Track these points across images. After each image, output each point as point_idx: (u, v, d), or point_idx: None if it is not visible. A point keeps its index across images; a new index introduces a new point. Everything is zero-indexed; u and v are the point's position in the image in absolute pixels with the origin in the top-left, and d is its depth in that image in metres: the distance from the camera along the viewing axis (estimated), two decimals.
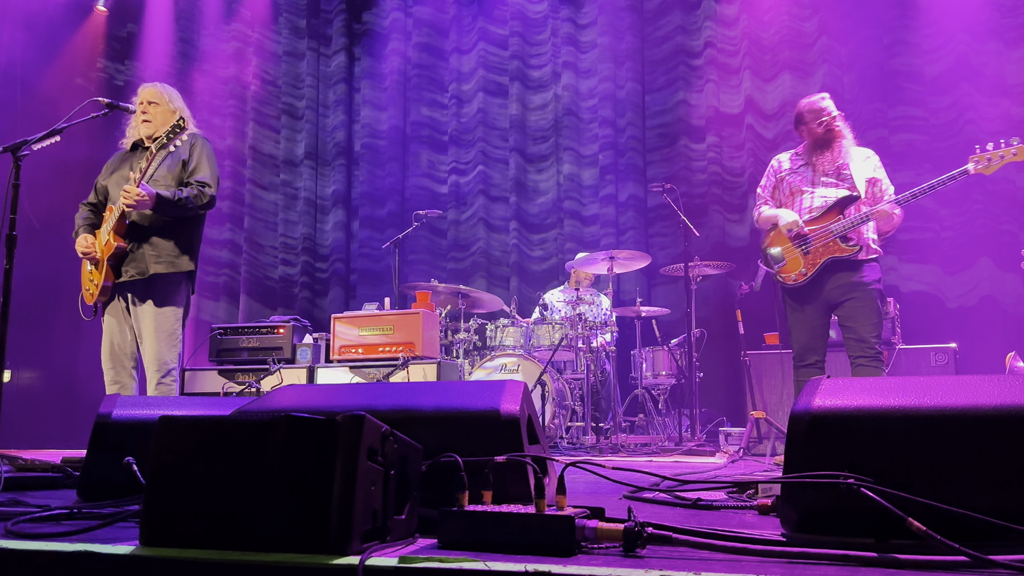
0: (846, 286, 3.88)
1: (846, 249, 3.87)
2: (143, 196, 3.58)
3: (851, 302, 3.87)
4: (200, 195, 3.77)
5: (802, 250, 3.96)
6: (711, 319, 6.97)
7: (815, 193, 4.03)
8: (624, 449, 5.28)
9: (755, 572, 1.14)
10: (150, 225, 3.79)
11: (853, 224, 3.87)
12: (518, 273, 7.81)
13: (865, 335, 3.82)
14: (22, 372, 7.60)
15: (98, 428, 2.18)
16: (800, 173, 4.12)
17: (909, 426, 1.43)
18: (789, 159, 4.22)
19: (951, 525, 1.30)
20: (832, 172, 4.04)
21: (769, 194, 4.26)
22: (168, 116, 3.89)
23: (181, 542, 1.37)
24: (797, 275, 3.98)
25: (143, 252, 3.77)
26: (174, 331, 3.81)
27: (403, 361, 5.18)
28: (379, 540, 1.40)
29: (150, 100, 3.93)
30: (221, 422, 1.43)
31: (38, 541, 1.44)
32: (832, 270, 3.91)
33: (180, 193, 3.72)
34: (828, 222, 3.92)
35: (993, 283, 6.18)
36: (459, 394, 1.84)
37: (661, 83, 7.72)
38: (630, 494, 2.30)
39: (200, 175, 3.82)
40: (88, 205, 4.07)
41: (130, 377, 3.86)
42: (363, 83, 8.69)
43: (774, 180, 4.25)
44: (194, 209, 3.78)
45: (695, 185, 7.31)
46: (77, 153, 8.06)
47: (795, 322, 4.03)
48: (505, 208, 8.02)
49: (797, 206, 4.07)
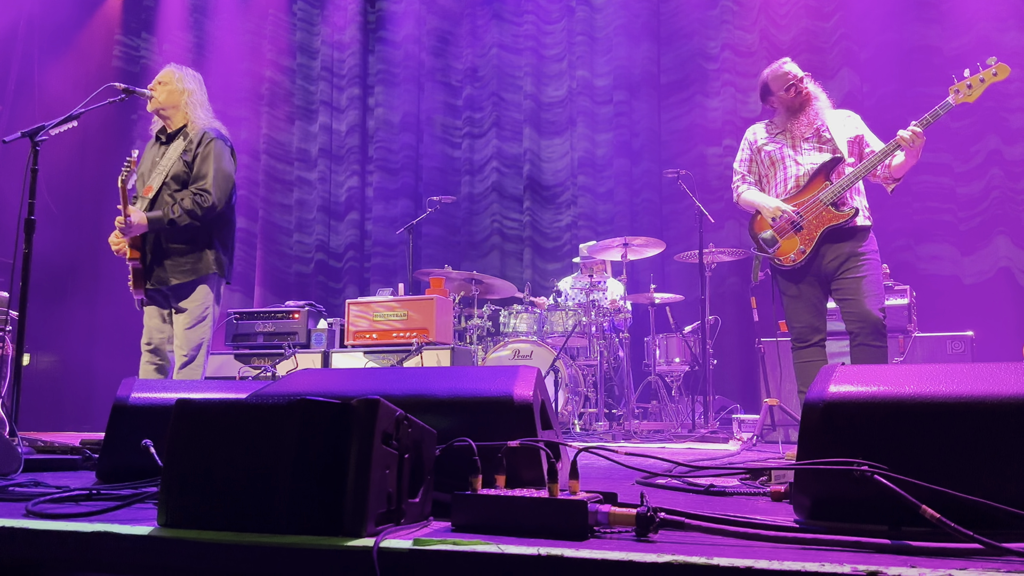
0: (843, 256, 3.63)
1: (840, 215, 3.60)
2: (135, 228, 3.62)
3: (849, 273, 3.60)
4: (196, 207, 3.70)
5: (795, 228, 3.71)
6: (725, 306, 6.95)
7: (798, 161, 3.78)
8: (637, 435, 5.28)
9: (767, 558, 1.14)
10: (161, 237, 3.79)
11: (843, 186, 3.60)
12: (532, 247, 7.84)
13: (869, 307, 3.52)
14: (41, 356, 7.69)
15: (116, 411, 2.20)
16: (777, 142, 3.87)
17: (924, 414, 1.43)
18: (764, 128, 3.97)
19: (965, 513, 1.29)
20: (812, 136, 3.79)
21: (747, 168, 3.99)
22: (175, 96, 3.85)
23: (198, 523, 1.39)
24: (796, 254, 3.71)
25: (162, 265, 3.79)
26: (202, 326, 3.82)
27: (417, 347, 5.20)
28: (393, 523, 1.41)
29: (160, 80, 3.88)
30: (237, 406, 1.44)
31: (58, 521, 1.47)
32: (828, 240, 3.65)
33: (172, 213, 3.68)
34: (816, 191, 3.67)
35: (1012, 261, 6.12)
36: (473, 379, 1.84)
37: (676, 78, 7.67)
38: (643, 480, 2.30)
39: (201, 183, 3.75)
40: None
41: (166, 359, 3.92)
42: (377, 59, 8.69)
43: (750, 153, 3.98)
44: (192, 223, 3.72)
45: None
46: (95, 138, 8.11)
47: (793, 302, 3.78)
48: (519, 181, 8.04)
49: (780, 177, 3.83)
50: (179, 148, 3.81)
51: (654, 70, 7.68)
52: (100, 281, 8.09)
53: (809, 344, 3.74)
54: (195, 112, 3.88)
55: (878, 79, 6.61)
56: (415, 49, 8.49)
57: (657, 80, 7.69)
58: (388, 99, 8.54)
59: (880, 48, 6.63)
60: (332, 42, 8.73)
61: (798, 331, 3.77)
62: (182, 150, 3.79)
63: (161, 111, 3.88)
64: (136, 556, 1.36)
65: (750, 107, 7.13)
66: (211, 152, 3.77)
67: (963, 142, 6.37)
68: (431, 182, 8.31)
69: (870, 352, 3.51)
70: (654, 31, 7.72)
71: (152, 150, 3.96)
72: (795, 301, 3.76)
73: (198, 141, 3.79)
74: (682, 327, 6.22)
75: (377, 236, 8.33)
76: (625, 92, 7.68)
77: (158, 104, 3.85)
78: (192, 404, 1.46)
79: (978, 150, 6.31)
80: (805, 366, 3.73)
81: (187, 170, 3.78)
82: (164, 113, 3.89)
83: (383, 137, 8.48)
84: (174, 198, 3.73)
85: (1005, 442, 1.37)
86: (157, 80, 3.89)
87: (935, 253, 6.38)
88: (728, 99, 7.23)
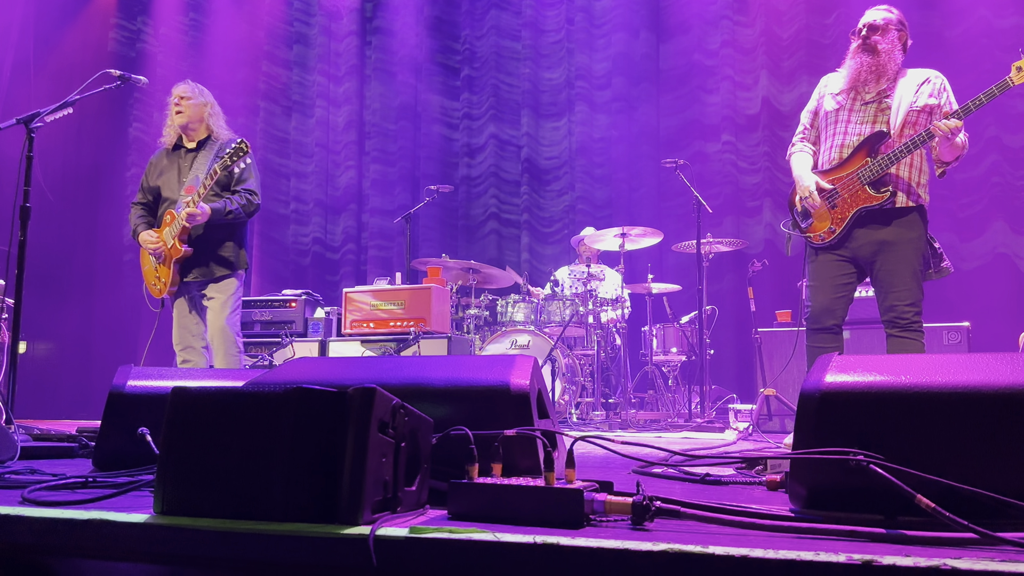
0: (875, 244, 3.33)
1: (875, 196, 3.29)
2: (202, 215, 3.89)
3: (881, 262, 3.32)
4: (248, 204, 4.09)
5: (829, 204, 3.42)
6: (723, 296, 6.96)
7: (848, 128, 3.43)
8: (633, 425, 5.29)
9: (763, 546, 1.14)
10: (209, 231, 4.06)
11: (882, 166, 3.28)
12: (529, 230, 7.85)
13: (894, 301, 3.27)
14: (38, 343, 7.68)
15: (112, 399, 2.20)
16: (839, 101, 3.49)
17: (920, 404, 1.43)
18: (840, 79, 3.54)
19: (960, 503, 1.30)
20: (874, 99, 3.41)
21: (810, 121, 3.64)
22: (200, 109, 4.18)
23: (194, 511, 1.39)
24: (825, 233, 3.43)
25: (206, 255, 4.06)
26: (236, 317, 4.12)
27: (414, 336, 5.20)
28: (390, 511, 1.41)
29: (181, 96, 4.18)
30: (233, 394, 1.44)
31: (54, 509, 1.46)
32: (861, 223, 3.35)
33: (230, 204, 4.02)
34: (856, 167, 3.35)
35: (1010, 247, 6.12)
36: (470, 368, 1.84)
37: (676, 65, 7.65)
38: (639, 469, 2.31)
39: (248, 184, 4.12)
40: (139, 205, 4.28)
41: (200, 356, 4.13)
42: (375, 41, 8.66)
43: (816, 104, 3.62)
44: (243, 217, 4.10)
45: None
46: (91, 125, 8.07)
47: (815, 279, 3.50)
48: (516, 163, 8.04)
49: (829, 143, 3.50)
50: (210, 154, 4.11)
51: (653, 61, 7.67)
52: (96, 268, 8.08)
53: (821, 328, 3.45)
54: (217, 122, 4.22)
55: None
56: (413, 32, 8.45)
57: (656, 69, 7.68)
58: (385, 78, 8.51)
59: None
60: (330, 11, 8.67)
61: (812, 312, 3.50)
62: (213, 155, 4.10)
63: (189, 124, 4.18)
64: (132, 543, 1.37)
65: (750, 104, 7.13)
66: (251, 161, 4.10)
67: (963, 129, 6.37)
68: (429, 166, 8.29)
69: (899, 343, 3.30)
70: (653, 22, 7.71)
71: (175, 158, 4.22)
72: (817, 277, 3.50)
73: (234, 150, 4.02)
74: (679, 317, 6.23)
75: (374, 227, 8.32)
76: (624, 80, 7.68)
77: (187, 119, 4.16)
78: (188, 392, 1.46)
79: (977, 137, 6.31)
80: (813, 351, 3.48)
81: (227, 174, 4.06)
82: (192, 126, 4.19)
83: (379, 123, 8.46)
84: (221, 196, 4.05)
85: (1000, 432, 1.38)
86: (180, 96, 4.18)
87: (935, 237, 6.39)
88: (727, 95, 7.22)
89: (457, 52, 8.42)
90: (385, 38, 8.57)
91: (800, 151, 3.64)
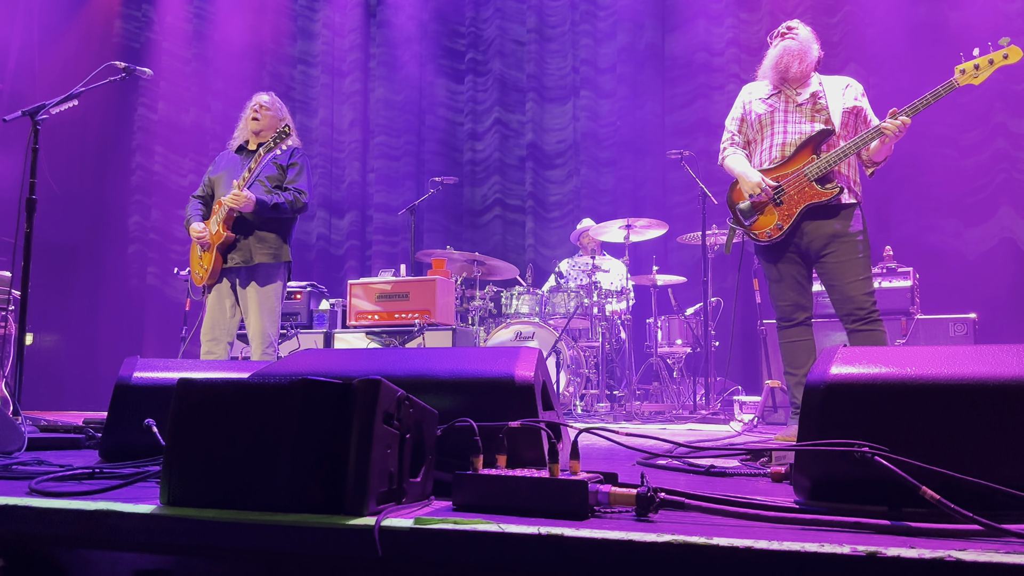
0: (826, 236, 3.37)
1: (824, 192, 3.35)
2: (246, 200, 3.99)
3: (832, 255, 3.36)
4: (296, 200, 4.18)
5: (774, 201, 3.46)
6: (728, 288, 6.94)
7: (787, 128, 3.50)
8: (638, 417, 5.29)
9: (767, 538, 1.14)
10: (255, 220, 4.14)
11: (829, 162, 3.34)
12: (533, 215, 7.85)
13: (852, 292, 3.30)
14: (44, 335, 7.70)
15: (118, 391, 2.21)
16: (770, 104, 3.57)
17: (925, 396, 1.43)
18: (763, 86, 3.67)
19: (965, 494, 1.30)
20: (807, 102, 3.50)
21: (737, 128, 3.72)
22: (276, 122, 4.32)
23: (200, 502, 1.39)
24: (772, 230, 3.47)
25: (249, 243, 4.14)
26: (275, 310, 4.19)
27: (419, 328, 5.21)
28: (395, 502, 1.41)
29: (263, 104, 4.33)
30: (239, 385, 1.44)
31: (60, 500, 1.47)
32: (809, 217, 3.40)
33: (276, 199, 4.12)
34: (802, 164, 3.40)
35: (1015, 232, 6.10)
36: (474, 360, 1.84)
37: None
38: (643, 461, 2.31)
39: (299, 183, 4.24)
40: (197, 198, 4.38)
41: (224, 350, 4.16)
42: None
43: (742, 112, 3.70)
44: (289, 213, 4.19)
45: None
46: (96, 117, 8.07)
47: (776, 280, 3.54)
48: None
49: (766, 144, 3.56)
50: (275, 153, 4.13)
51: (659, 50, 7.65)
52: (102, 260, 8.09)
53: (794, 323, 3.51)
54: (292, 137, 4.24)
55: (886, 73, 6.56)
56: (417, 10, 8.44)
57: (661, 57, 7.66)
58: (390, 61, 8.48)
59: (887, 44, 6.57)
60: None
61: (782, 310, 3.54)
62: (272, 156, 4.15)
63: (261, 132, 4.31)
64: (138, 534, 1.37)
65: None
66: (305, 164, 4.31)
67: (968, 114, 6.34)
68: (433, 147, 8.28)
69: (864, 336, 3.31)
70: (659, 9, 7.68)
71: (237, 158, 4.34)
72: (777, 279, 3.55)
73: (290, 152, 4.25)
74: (684, 309, 6.22)
75: (379, 222, 8.32)
76: (629, 68, 7.66)
77: (261, 127, 4.30)
78: (194, 384, 1.46)
79: (984, 122, 6.28)
80: (791, 346, 3.51)
81: (281, 175, 4.23)
82: (263, 133, 4.31)
83: (383, 111, 8.45)
84: (271, 190, 4.16)
85: (1005, 424, 1.37)
86: (260, 104, 4.32)
87: (938, 226, 6.36)
88: (733, 95, 7.19)
89: (462, 36, 8.40)
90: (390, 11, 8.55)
91: (734, 153, 3.69)
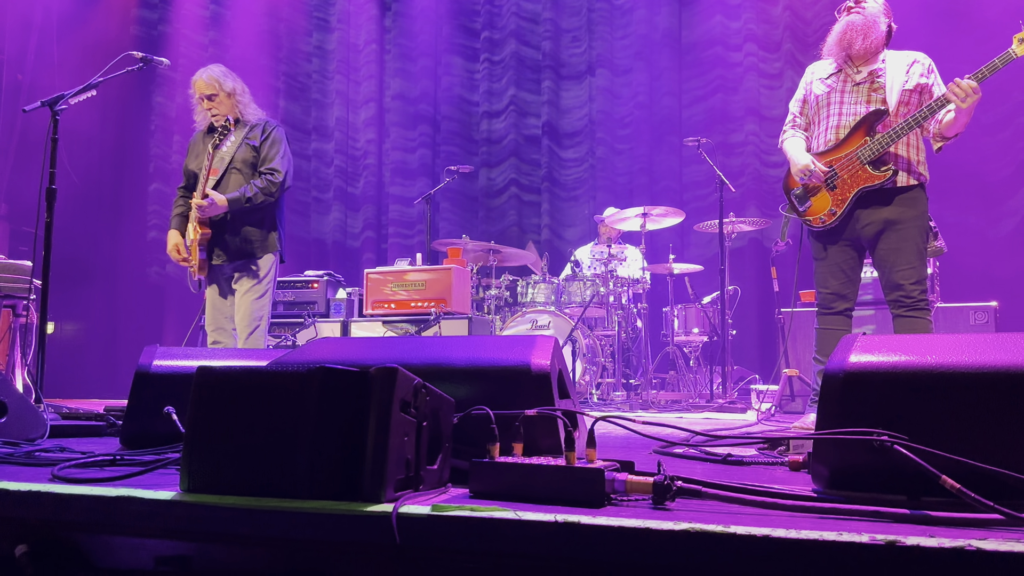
0: (880, 223, 3.28)
1: (877, 176, 3.24)
2: (209, 207, 3.85)
3: (885, 243, 3.27)
4: (269, 185, 3.98)
5: (828, 186, 3.38)
6: (745, 276, 6.91)
7: (842, 109, 3.39)
8: (654, 405, 5.29)
9: (785, 526, 1.14)
10: (237, 215, 3.98)
11: (882, 144, 3.22)
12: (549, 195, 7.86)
13: (900, 280, 3.22)
14: (65, 324, 7.78)
15: (138, 379, 2.23)
16: (829, 84, 3.45)
17: (944, 384, 1.41)
18: (827, 65, 3.52)
19: (985, 484, 1.28)
20: (865, 80, 3.36)
21: (799, 109, 3.61)
22: (227, 103, 4.07)
23: (219, 489, 1.40)
24: (826, 215, 3.38)
25: (234, 241, 4.00)
26: (265, 298, 4.06)
27: (435, 317, 5.22)
28: (412, 489, 1.42)
29: (206, 94, 4.06)
30: (258, 373, 1.45)
31: (83, 486, 1.49)
32: (863, 203, 3.31)
33: (248, 192, 3.93)
34: (855, 147, 3.30)
35: None
36: (490, 348, 1.85)
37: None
38: (660, 449, 2.30)
39: (271, 163, 4.03)
40: (181, 189, 4.24)
41: (230, 338, 4.10)
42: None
43: (804, 92, 3.59)
44: (265, 200, 3.99)
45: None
46: (114, 107, 8.12)
47: (821, 265, 3.47)
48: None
49: (823, 126, 3.46)
50: (240, 135, 4.04)
51: (676, 32, 7.59)
52: (122, 249, 8.15)
53: (833, 312, 3.43)
54: (246, 109, 4.12)
55: None
56: None
57: (678, 38, 7.60)
58: (405, 53, 8.48)
59: (909, 31, 6.46)
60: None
61: (823, 297, 3.48)
62: (243, 137, 4.03)
63: (217, 116, 4.07)
64: (159, 520, 1.39)
65: (773, 98, 7.05)
66: (279, 137, 4.10)
67: (989, 92, 6.25)
68: (450, 125, 8.27)
69: (906, 323, 3.26)
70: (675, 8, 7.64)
71: (206, 139, 4.13)
72: (823, 265, 3.47)
73: (262, 128, 4.07)
74: (701, 297, 6.20)
75: (394, 213, 8.33)
76: (647, 47, 7.62)
77: (219, 111, 4.05)
78: (213, 371, 1.48)
79: (1004, 99, 6.18)
80: (824, 333, 3.46)
81: (255, 154, 4.04)
82: (220, 116, 4.07)
83: (400, 104, 8.45)
84: (246, 180, 4.00)
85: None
86: (203, 96, 4.05)
87: (960, 204, 6.26)
88: (751, 88, 7.14)
89: (477, 14, 8.38)
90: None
91: (792, 136, 3.60)
